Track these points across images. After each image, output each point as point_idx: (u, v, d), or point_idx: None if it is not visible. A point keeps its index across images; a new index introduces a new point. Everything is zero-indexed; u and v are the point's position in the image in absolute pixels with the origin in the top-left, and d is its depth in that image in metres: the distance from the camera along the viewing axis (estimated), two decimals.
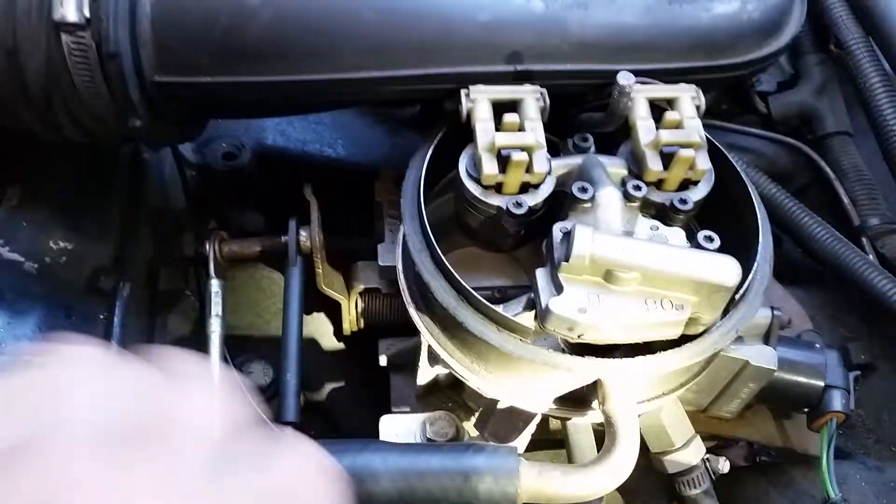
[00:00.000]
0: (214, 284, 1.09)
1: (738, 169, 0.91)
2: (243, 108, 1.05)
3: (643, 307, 0.75)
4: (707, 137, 0.91)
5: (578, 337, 0.76)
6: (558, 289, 0.77)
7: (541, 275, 0.79)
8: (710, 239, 0.81)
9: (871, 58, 1.31)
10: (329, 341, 1.27)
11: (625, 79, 0.84)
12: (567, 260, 0.75)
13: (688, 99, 0.90)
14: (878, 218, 1.31)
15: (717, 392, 1.01)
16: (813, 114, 1.44)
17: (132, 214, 1.21)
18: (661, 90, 0.90)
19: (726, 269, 0.73)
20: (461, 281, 0.82)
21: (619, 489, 1.07)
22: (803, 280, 1.37)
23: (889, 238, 1.29)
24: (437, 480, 0.72)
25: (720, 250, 0.80)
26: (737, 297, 0.82)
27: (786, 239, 1.41)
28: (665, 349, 0.80)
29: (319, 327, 1.27)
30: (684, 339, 0.81)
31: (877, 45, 1.30)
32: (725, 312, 0.83)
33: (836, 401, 1.02)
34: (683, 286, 0.74)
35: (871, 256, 1.27)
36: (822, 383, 1.03)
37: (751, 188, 0.89)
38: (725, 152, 0.92)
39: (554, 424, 1.04)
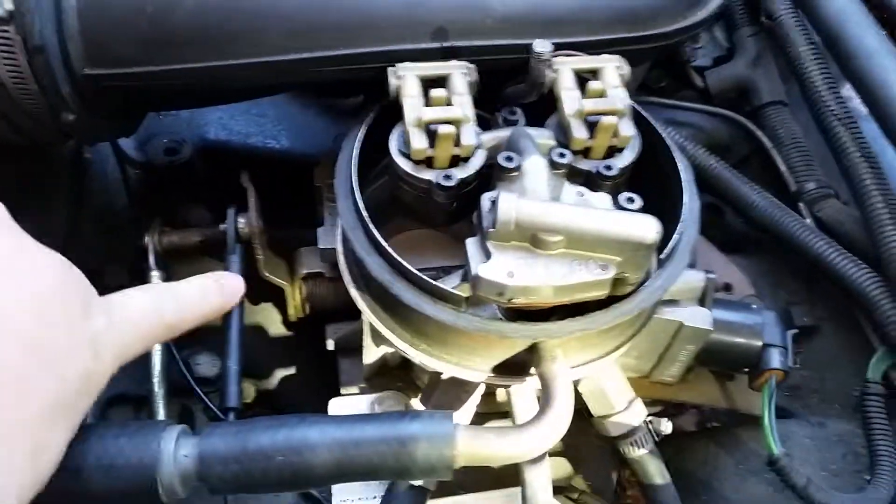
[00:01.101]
0: (154, 276, 1.09)
1: (660, 131, 0.93)
2: (177, 98, 1.05)
3: (569, 269, 0.77)
4: (633, 107, 0.93)
5: (509, 301, 0.78)
6: (487, 256, 0.78)
7: (471, 244, 0.81)
8: (632, 200, 0.83)
9: (800, 28, 1.34)
10: (277, 329, 1.28)
11: (540, 46, 0.86)
12: (494, 227, 0.77)
13: (612, 69, 0.92)
14: (813, 183, 1.34)
15: (657, 356, 1.03)
16: (748, 85, 1.48)
17: (76, 213, 1.21)
18: (586, 61, 0.92)
19: (645, 227, 0.74)
20: (395, 255, 0.83)
21: (567, 456, 1.10)
22: (745, 249, 1.40)
23: (825, 202, 1.33)
24: (375, 448, 0.72)
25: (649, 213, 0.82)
26: (663, 256, 0.84)
27: (727, 210, 1.44)
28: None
29: (267, 316, 1.27)
30: (615, 302, 0.83)
31: (804, 15, 1.33)
32: None
33: (775, 358, 1.05)
34: (606, 246, 0.76)
35: (808, 220, 1.30)
36: (759, 342, 1.05)
37: (673, 149, 0.92)
38: (649, 118, 0.94)
39: (501, 397, 1.06)
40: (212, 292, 0.81)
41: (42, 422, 0.59)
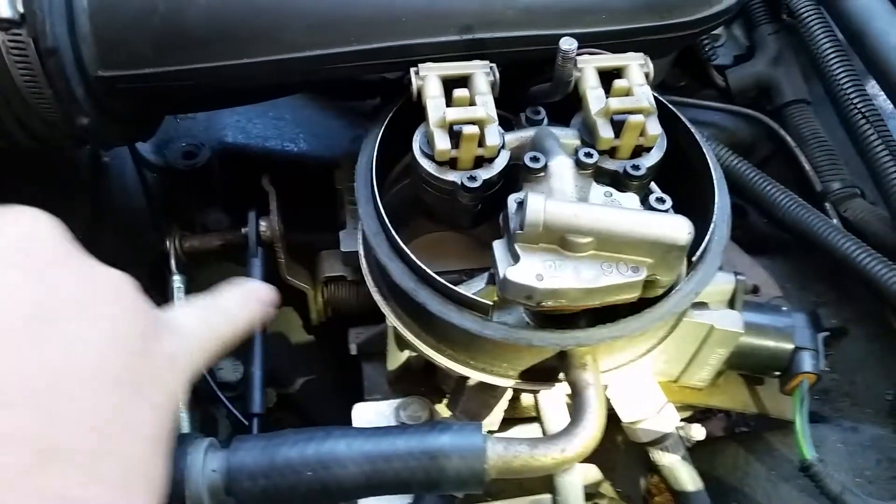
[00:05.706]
0: (176, 280, 1.08)
1: (692, 129, 0.91)
2: (192, 99, 1.03)
3: (599, 271, 0.75)
4: (661, 102, 0.91)
5: (538, 305, 0.76)
6: (515, 258, 0.76)
7: (498, 246, 0.79)
8: (662, 200, 0.81)
9: (822, 25, 1.32)
10: (299, 334, 1.26)
11: (567, 44, 0.84)
12: (522, 229, 0.75)
13: (636, 67, 0.90)
14: (839, 182, 1.32)
15: (686, 360, 1.01)
16: (770, 84, 1.45)
17: (94, 218, 1.20)
18: (609, 59, 0.90)
19: (677, 228, 0.73)
20: (418, 262, 0.81)
21: (596, 462, 1.08)
22: (771, 250, 1.38)
23: (851, 202, 1.30)
24: (404, 463, 0.71)
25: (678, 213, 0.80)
26: (694, 259, 0.82)
27: (751, 211, 1.42)
28: (628, 316, 0.81)
29: (290, 321, 1.26)
30: (645, 305, 0.81)
31: (826, 12, 1.31)
32: None
33: (806, 362, 1.02)
34: (637, 248, 0.74)
35: (834, 221, 1.28)
36: (790, 345, 1.03)
37: (705, 148, 0.90)
38: (679, 114, 0.92)
39: (526, 402, 1.04)
40: (251, 301, 0.78)
41: (151, 456, 0.54)
